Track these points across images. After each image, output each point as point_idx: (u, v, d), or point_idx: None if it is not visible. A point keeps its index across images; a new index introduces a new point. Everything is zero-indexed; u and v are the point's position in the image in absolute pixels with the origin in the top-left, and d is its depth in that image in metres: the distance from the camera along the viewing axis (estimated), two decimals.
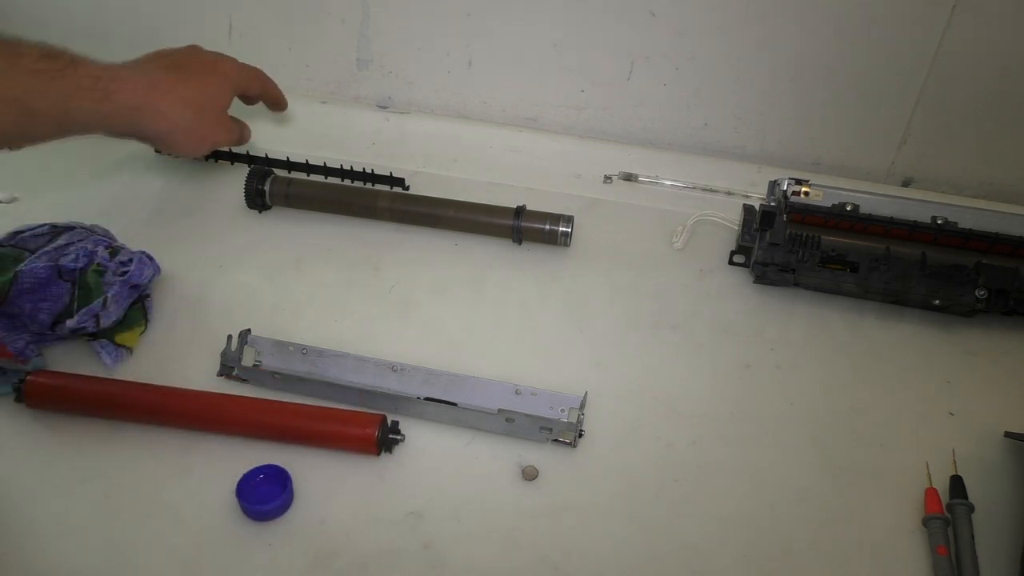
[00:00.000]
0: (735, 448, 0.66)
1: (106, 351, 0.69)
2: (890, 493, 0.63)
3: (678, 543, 0.61)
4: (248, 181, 0.82)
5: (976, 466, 0.64)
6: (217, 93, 0.68)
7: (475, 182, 0.87)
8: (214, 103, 0.67)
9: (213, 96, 0.67)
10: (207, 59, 0.68)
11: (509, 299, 0.76)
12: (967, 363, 0.72)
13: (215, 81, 0.67)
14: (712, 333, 0.74)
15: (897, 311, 0.75)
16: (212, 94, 0.67)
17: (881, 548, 0.61)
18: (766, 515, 0.62)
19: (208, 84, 0.66)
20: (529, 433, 0.65)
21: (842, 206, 0.75)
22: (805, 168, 0.91)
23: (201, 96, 0.65)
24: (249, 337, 0.70)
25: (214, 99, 0.67)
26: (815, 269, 0.74)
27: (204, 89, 0.66)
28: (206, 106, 0.66)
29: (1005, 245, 0.73)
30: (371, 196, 0.82)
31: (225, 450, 0.64)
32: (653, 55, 0.88)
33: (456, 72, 0.94)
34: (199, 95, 0.65)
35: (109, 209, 0.81)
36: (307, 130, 0.94)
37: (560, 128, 0.96)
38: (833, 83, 0.86)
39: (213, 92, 0.67)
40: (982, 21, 0.79)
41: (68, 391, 0.66)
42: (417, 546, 0.60)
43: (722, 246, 0.81)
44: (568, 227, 0.79)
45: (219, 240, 0.80)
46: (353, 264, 0.79)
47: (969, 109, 0.85)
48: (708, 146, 0.94)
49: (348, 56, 0.96)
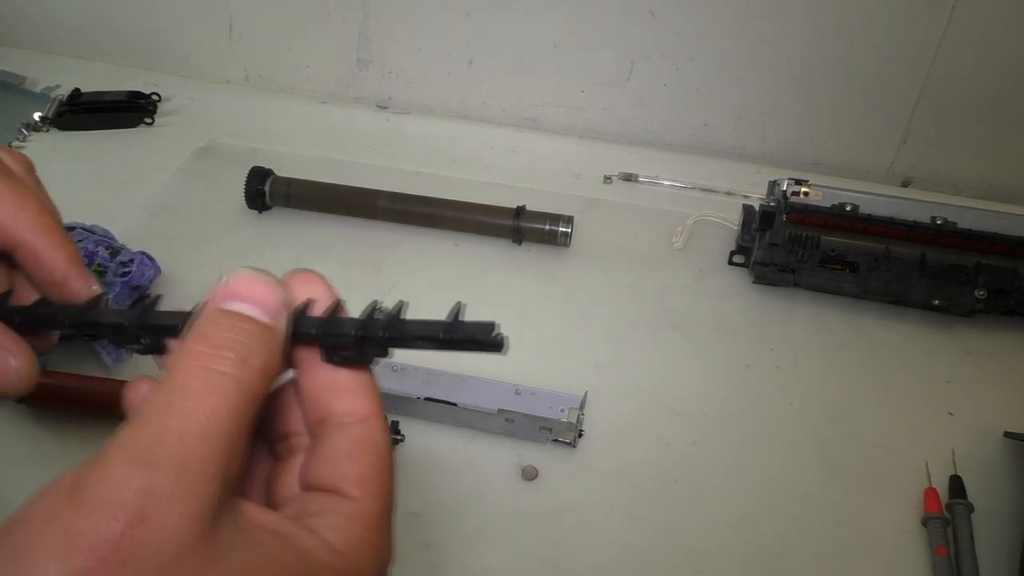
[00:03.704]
0: (735, 448, 0.66)
1: (107, 351, 0.69)
2: (889, 493, 0.63)
3: (678, 543, 0.61)
4: (248, 181, 0.82)
5: (976, 466, 0.64)
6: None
7: (475, 182, 0.87)
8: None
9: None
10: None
11: (509, 299, 0.76)
12: (967, 363, 0.73)
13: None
14: (712, 333, 0.74)
15: (897, 311, 0.75)
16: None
17: (880, 548, 0.61)
18: (766, 515, 0.62)
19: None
20: (529, 433, 0.65)
21: (842, 206, 0.75)
22: (805, 168, 0.91)
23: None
24: None
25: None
26: (815, 269, 0.74)
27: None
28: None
29: (1004, 245, 0.73)
30: (371, 196, 0.82)
31: None
32: (653, 55, 0.88)
33: (456, 72, 0.94)
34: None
35: (109, 209, 0.81)
36: (307, 130, 0.94)
37: (560, 128, 0.96)
38: (833, 83, 0.86)
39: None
40: (982, 21, 0.79)
41: (68, 391, 0.66)
42: (417, 546, 0.60)
43: (722, 246, 0.81)
44: (568, 227, 0.79)
45: (219, 240, 0.80)
46: (353, 264, 0.79)
47: (969, 109, 0.85)
48: (708, 146, 0.94)
49: (348, 56, 0.96)
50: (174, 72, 1.02)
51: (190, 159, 0.90)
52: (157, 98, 0.96)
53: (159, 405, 0.26)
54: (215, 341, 0.27)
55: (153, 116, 0.95)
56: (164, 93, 0.97)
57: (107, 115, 0.93)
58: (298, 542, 0.27)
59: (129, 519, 0.23)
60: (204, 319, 0.28)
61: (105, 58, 1.03)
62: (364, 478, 0.29)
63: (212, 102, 0.98)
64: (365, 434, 0.30)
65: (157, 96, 0.96)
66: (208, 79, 1.01)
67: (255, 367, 0.27)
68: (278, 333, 0.29)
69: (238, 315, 0.28)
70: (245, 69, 1.00)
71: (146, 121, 0.94)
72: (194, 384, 0.26)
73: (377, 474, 0.30)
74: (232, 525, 0.26)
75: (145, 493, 0.24)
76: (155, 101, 0.96)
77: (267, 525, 0.27)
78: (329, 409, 0.30)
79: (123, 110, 0.94)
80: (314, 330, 0.30)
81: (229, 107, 0.97)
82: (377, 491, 0.30)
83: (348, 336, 0.30)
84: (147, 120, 0.94)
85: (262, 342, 0.28)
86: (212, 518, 0.25)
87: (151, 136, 0.94)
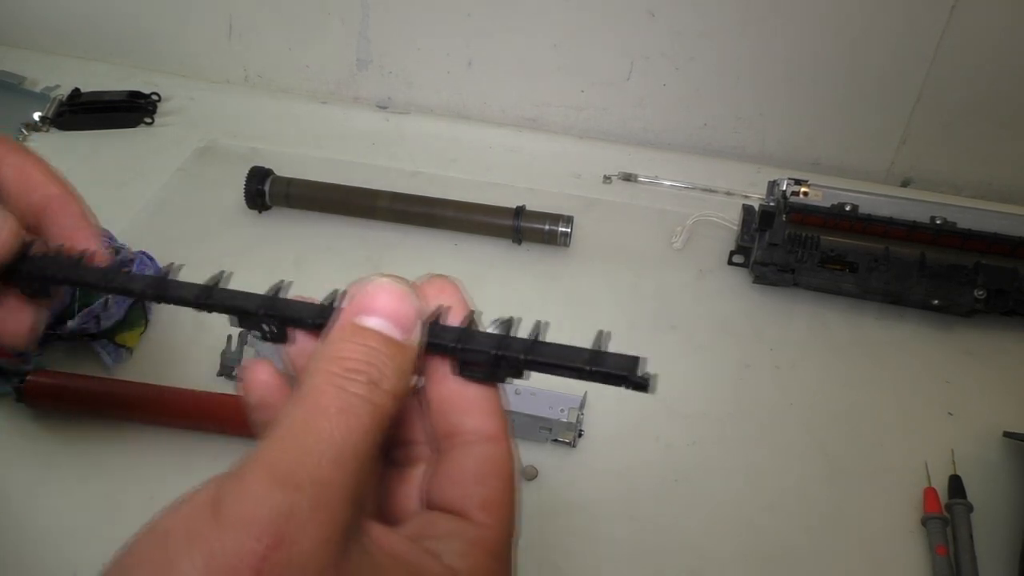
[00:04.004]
0: (735, 448, 0.66)
1: (106, 351, 0.69)
2: (889, 493, 0.63)
3: (678, 543, 0.61)
4: (248, 181, 0.82)
5: (975, 466, 0.64)
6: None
7: (475, 182, 0.87)
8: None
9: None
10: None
11: (509, 299, 0.76)
12: (966, 363, 0.73)
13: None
14: (712, 333, 0.74)
15: (896, 311, 0.75)
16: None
17: (880, 548, 0.61)
18: (765, 515, 0.62)
19: None
20: (529, 433, 0.65)
21: (841, 206, 0.75)
22: (804, 168, 0.92)
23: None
24: (249, 337, 0.70)
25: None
26: (814, 269, 0.74)
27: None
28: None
29: (1004, 245, 0.73)
30: (371, 196, 0.82)
31: (225, 450, 0.64)
32: (653, 55, 0.88)
33: (456, 72, 0.94)
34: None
35: (109, 209, 0.81)
36: (307, 130, 0.94)
37: (560, 128, 0.96)
38: (833, 83, 0.86)
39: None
40: (982, 21, 0.79)
41: (68, 391, 0.66)
42: None
43: (721, 246, 0.81)
44: (568, 227, 0.79)
45: (219, 240, 0.80)
46: (353, 264, 0.79)
47: (969, 109, 0.85)
48: (708, 146, 0.94)
49: (348, 56, 0.96)
50: (174, 72, 1.02)
51: (190, 159, 0.90)
52: (157, 98, 0.96)
53: (296, 423, 0.25)
54: (349, 362, 0.26)
55: (153, 116, 0.95)
56: (164, 93, 0.97)
57: (107, 115, 0.93)
58: (423, 569, 0.26)
59: (270, 541, 0.23)
60: (338, 334, 0.27)
61: (105, 58, 1.03)
62: (491, 503, 0.29)
63: (212, 102, 0.98)
64: (494, 456, 0.29)
65: (157, 96, 0.96)
66: (208, 79, 1.01)
67: (387, 390, 0.27)
68: (411, 351, 0.28)
69: (373, 333, 0.27)
70: (245, 69, 1.00)
71: (146, 121, 0.94)
72: (329, 404, 0.25)
73: (504, 499, 0.29)
74: (360, 549, 0.25)
75: (286, 515, 0.23)
76: (155, 101, 0.96)
77: (392, 549, 0.26)
78: (457, 425, 0.30)
79: (123, 110, 0.94)
80: (449, 343, 0.29)
81: (229, 107, 0.97)
82: (503, 517, 0.29)
83: (485, 354, 0.29)
84: (147, 120, 0.95)
85: (395, 364, 0.27)
86: (344, 543, 0.24)
87: (151, 136, 0.94)
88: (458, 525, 0.28)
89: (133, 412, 0.66)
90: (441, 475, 0.29)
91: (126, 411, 0.65)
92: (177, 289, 0.33)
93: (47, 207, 0.37)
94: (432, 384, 0.30)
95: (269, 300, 0.31)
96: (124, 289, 0.33)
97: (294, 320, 0.30)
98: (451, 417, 0.30)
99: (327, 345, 0.27)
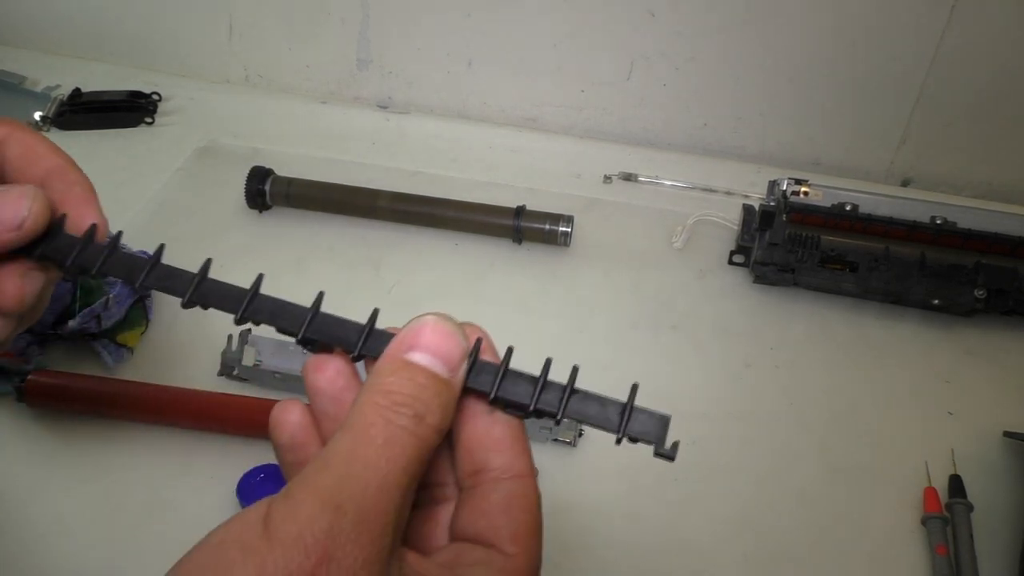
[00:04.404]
0: (735, 448, 0.66)
1: (107, 351, 0.69)
2: (889, 492, 0.63)
3: (678, 543, 0.61)
4: (248, 181, 0.82)
5: (975, 465, 0.65)
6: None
7: (475, 182, 0.87)
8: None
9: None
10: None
11: (509, 299, 0.76)
12: (966, 363, 0.73)
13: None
14: (712, 333, 0.74)
15: (897, 311, 0.75)
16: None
17: (880, 547, 0.61)
18: (766, 514, 0.62)
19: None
20: (529, 432, 0.65)
21: (841, 206, 0.75)
22: (805, 168, 0.92)
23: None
24: (250, 337, 0.70)
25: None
26: (815, 269, 0.74)
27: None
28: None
29: (1004, 245, 0.73)
30: (371, 196, 0.82)
31: (225, 450, 0.64)
32: (653, 55, 0.88)
33: (456, 72, 0.94)
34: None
35: (109, 209, 0.81)
36: (307, 130, 0.94)
37: (560, 128, 0.96)
38: (833, 83, 0.86)
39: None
40: (982, 21, 0.79)
41: (69, 391, 0.66)
42: None
43: (722, 246, 0.81)
44: (568, 227, 0.79)
45: (219, 240, 0.80)
46: (353, 264, 0.79)
47: (969, 109, 0.85)
48: (708, 146, 0.94)
49: (348, 56, 0.96)
50: (174, 72, 1.02)
51: (190, 159, 0.90)
52: (157, 98, 0.96)
53: (343, 451, 0.27)
54: (397, 396, 0.28)
55: (153, 116, 0.95)
56: (164, 93, 0.97)
57: (107, 115, 0.93)
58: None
59: (318, 558, 0.24)
60: (387, 368, 0.29)
61: (105, 58, 1.03)
62: (519, 535, 0.30)
63: (212, 102, 0.98)
64: (522, 492, 0.31)
65: (157, 96, 0.96)
66: (208, 79, 1.01)
67: (431, 424, 0.28)
68: (455, 389, 0.29)
69: (420, 369, 0.29)
70: (245, 69, 1.00)
71: (146, 121, 0.94)
72: (377, 435, 0.27)
73: (531, 532, 0.30)
74: (398, 573, 0.27)
75: (332, 535, 0.25)
76: (155, 101, 0.96)
77: (426, 575, 0.28)
78: (486, 462, 0.31)
79: (123, 110, 0.94)
80: (489, 388, 0.30)
81: (229, 107, 0.98)
82: (531, 547, 0.30)
83: (523, 405, 0.31)
84: (147, 120, 0.95)
85: (440, 400, 0.29)
86: (385, 566, 0.26)
87: (151, 136, 0.94)
88: (488, 555, 0.30)
89: (133, 412, 0.66)
90: (470, 509, 0.31)
91: (126, 411, 0.66)
92: (218, 297, 0.33)
93: (52, 176, 0.38)
94: (464, 423, 0.31)
95: (312, 321, 0.32)
96: (163, 288, 0.34)
97: (339, 341, 0.32)
98: (478, 455, 0.31)
99: (375, 376, 0.29)
